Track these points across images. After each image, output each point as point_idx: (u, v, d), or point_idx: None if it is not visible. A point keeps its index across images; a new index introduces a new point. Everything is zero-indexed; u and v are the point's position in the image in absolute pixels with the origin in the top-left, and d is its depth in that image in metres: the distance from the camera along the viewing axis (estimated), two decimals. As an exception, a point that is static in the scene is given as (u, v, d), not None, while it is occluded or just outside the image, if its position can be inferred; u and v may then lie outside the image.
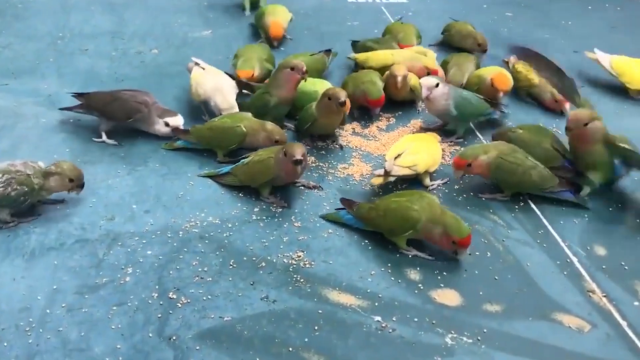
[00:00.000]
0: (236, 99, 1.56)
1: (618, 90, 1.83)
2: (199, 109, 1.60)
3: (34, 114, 1.61)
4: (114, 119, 1.48)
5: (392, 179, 1.32)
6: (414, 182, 1.38)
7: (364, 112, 1.65)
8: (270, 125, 1.44)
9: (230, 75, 1.62)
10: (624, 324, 1.06)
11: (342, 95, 1.42)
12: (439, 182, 1.40)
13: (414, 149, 1.35)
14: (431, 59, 1.77)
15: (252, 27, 2.18)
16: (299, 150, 1.23)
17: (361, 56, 1.79)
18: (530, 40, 2.01)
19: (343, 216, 1.26)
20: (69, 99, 1.68)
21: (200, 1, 2.47)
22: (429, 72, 1.68)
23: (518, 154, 1.34)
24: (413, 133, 1.57)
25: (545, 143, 1.40)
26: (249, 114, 1.48)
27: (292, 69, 1.50)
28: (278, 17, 2.04)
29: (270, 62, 1.78)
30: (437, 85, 1.50)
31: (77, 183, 1.25)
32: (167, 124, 1.46)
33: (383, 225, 1.20)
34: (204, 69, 1.62)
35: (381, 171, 1.32)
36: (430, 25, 2.17)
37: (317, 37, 2.13)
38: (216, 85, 1.55)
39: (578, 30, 2.37)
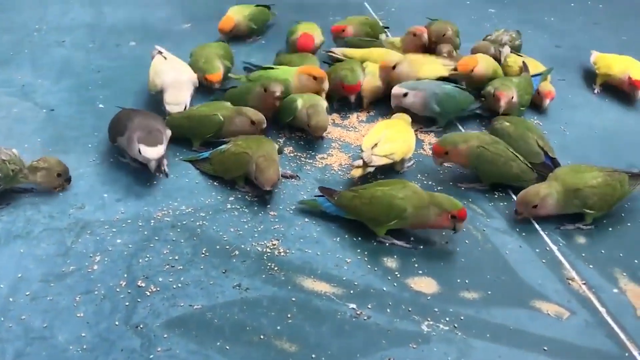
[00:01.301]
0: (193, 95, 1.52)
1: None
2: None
3: (5, 103, 1.57)
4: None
5: (371, 169, 1.30)
6: (390, 170, 1.35)
7: (344, 104, 1.62)
8: (245, 108, 1.41)
9: None
10: (602, 310, 1.04)
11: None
12: (408, 164, 1.38)
13: (390, 136, 1.32)
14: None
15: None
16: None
17: (343, 51, 1.77)
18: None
19: (322, 204, 1.23)
20: (42, 89, 1.66)
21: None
22: None
23: (499, 145, 1.32)
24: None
25: (530, 138, 1.37)
26: (227, 103, 1.45)
27: (265, 90, 1.45)
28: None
29: (229, 59, 1.69)
30: (406, 94, 1.49)
31: (64, 177, 1.23)
32: (139, 151, 1.24)
33: (367, 214, 1.17)
34: (166, 58, 1.57)
35: (360, 162, 1.30)
36: (416, 22, 2.14)
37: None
38: (174, 75, 1.50)
39: (561, 26, 2.36)
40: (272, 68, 1.62)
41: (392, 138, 1.32)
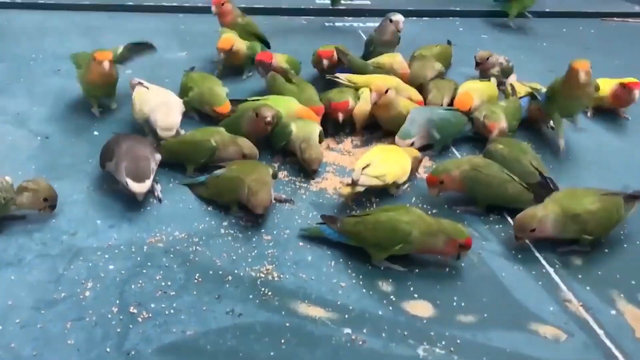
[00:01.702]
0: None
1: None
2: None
3: (1, 132, 1.57)
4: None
5: (360, 189, 1.30)
6: (384, 193, 1.35)
7: (338, 129, 1.62)
8: (241, 139, 1.41)
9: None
10: (600, 332, 1.03)
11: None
12: (403, 187, 1.38)
13: (383, 159, 1.32)
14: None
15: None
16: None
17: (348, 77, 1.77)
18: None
19: (324, 231, 1.21)
20: (37, 116, 1.66)
21: (176, 25, 2.48)
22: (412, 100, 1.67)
23: (493, 167, 1.32)
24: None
25: (524, 159, 1.38)
26: (222, 129, 1.45)
27: (257, 115, 1.45)
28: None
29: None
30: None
31: (50, 203, 1.22)
32: (126, 184, 1.23)
33: (371, 239, 1.15)
34: (147, 88, 1.56)
35: (349, 180, 1.29)
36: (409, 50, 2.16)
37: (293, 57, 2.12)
38: (162, 101, 1.49)
39: (553, 52, 2.39)
40: (259, 99, 1.61)
41: (385, 160, 1.32)
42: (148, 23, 2.48)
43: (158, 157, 1.31)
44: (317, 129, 1.48)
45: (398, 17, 1.96)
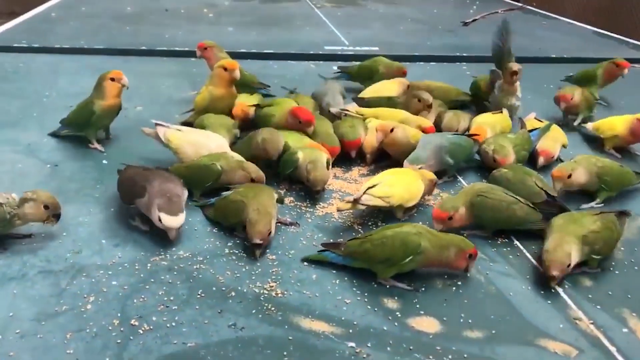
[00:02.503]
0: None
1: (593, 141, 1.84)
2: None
3: (10, 160, 1.59)
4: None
5: (362, 207, 1.30)
6: (391, 217, 1.35)
7: (346, 159, 1.63)
8: (247, 164, 1.42)
9: None
10: (612, 349, 1.00)
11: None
12: (410, 212, 1.37)
13: (391, 181, 1.32)
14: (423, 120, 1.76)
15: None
16: (258, 234, 1.18)
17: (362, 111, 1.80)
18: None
19: (328, 256, 1.20)
20: (47, 147, 1.68)
21: (188, 68, 2.53)
22: (423, 131, 1.68)
23: (497, 191, 1.32)
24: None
25: (529, 181, 1.38)
26: (229, 154, 1.46)
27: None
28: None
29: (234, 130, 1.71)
30: (392, 130, 1.51)
31: (52, 212, 1.21)
32: (159, 219, 1.21)
33: (379, 256, 1.12)
34: (180, 130, 1.56)
35: (351, 198, 1.29)
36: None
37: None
38: (220, 146, 1.50)
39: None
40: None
41: (392, 183, 1.32)
42: (159, 66, 2.54)
43: (186, 193, 1.30)
44: (325, 156, 1.49)
45: None
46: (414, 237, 1.11)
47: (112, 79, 1.64)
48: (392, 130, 1.55)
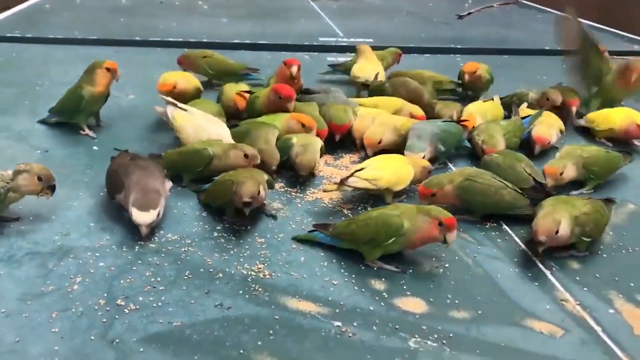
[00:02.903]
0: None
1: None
2: (165, 143, 1.56)
3: (1, 146, 1.59)
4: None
5: (348, 189, 1.30)
6: (381, 202, 1.34)
7: (337, 146, 1.63)
8: (240, 144, 1.41)
9: None
10: (598, 329, 1.00)
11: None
12: (400, 198, 1.37)
13: (380, 165, 1.32)
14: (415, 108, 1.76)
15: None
16: (247, 192, 1.18)
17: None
18: (506, 90, 2.02)
19: (317, 235, 1.21)
20: (38, 133, 1.68)
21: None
22: (414, 118, 1.68)
23: (486, 175, 1.32)
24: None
25: (518, 167, 1.38)
26: (221, 140, 1.45)
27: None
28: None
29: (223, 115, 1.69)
30: (380, 142, 1.52)
31: (46, 183, 1.21)
32: (131, 214, 1.17)
33: (364, 236, 1.13)
34: (185, 109, 1.54)
35: (338, 179, 1.30)
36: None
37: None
38: (218, 133, 1.48)
39: (551, 83, 2.40)
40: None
41: (381, 167, 1.32)
42: (153, 56, 2.54)
43: (168, 185, 1.28)
44: (319, 142, 1.49)
45: None
46: (396, 218, 1.11)
47: (108, 69, 1.64)
48: (379, 142, 1.54)
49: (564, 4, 4.54)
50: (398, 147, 1.53)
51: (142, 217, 1.16)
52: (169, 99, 1.57)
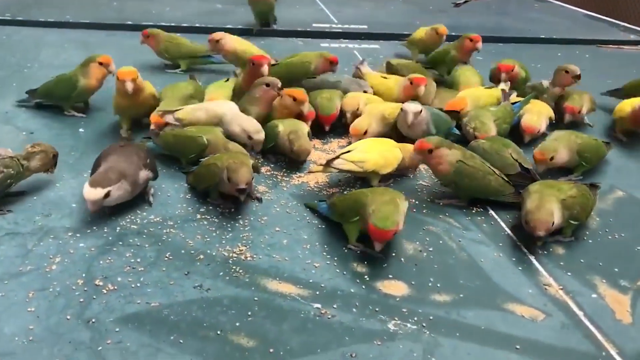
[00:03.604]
0: None
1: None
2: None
3: (-14, 127, 1.57)
4: None
5: (334, 171, 1.29)
6: (367, 185, 1.34)
7: (325, 131, 1.62)
8: (232, 144, 1.38)
9: None
10: (580, 313, 1.00)
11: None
12: (388, 182, 1.36)
13: (367, 147, 1.31)
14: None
15: (224, 65, 2.16)
16: (242, 179, 1.17)
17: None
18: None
19: (319, 205, 1.23)
20: (24, 116, 1.67)
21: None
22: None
23: (476, 159, 1.31)
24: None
25: (505, 152, 1.37)
26: (219, 129, 1.42)
27: (267, 85, 1.51)
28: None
29: (198, 97, 1.66)
30: (421, 111, 1.48)
31: (55, 159, 1.28)
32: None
33: (339, 210, 1.16)
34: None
35: (323, 161, 1.29)
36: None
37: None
38: (234, 112, 1.46)
39: (546, 72, 2.38)
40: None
41: (368, 149, 1.31)
42: (145, 40, 2.51)
43: (143, 174, 1.22)
44: (306, 127, 1.48)
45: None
46: (362, 196, 1.11)
47: (100, 64, 1.63)
48: (365, 132, 1.52)
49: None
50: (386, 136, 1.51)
51: (88, 193, 1.12)
52: (162, 111, 1.50)
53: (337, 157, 1.30)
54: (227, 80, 1.76)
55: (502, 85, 1.82)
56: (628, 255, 1.17)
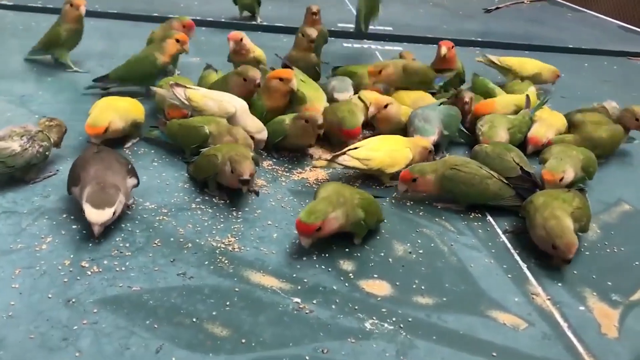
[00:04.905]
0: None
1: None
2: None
3: (1, 109, 1.61)
4: None
5: (337, 167, 1.29)
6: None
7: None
8: (236, 129, 1.38)
9: None
10: (564, 325, 0.98)
11: (320, 119, 1.40)
12: (391, 182, 1.36)
13: (375, 146, 1.32)
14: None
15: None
16: (246, 169, 1.17)
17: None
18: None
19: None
20: (40, 100, 1.70)
21: (197, 35, 2.52)
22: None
23: (471, 164, 1.29)
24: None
25: (507, 155, 1.35)
26: (224, 120, 1.42)
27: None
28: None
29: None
30: (387, 106, 1.49)
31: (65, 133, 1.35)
32: (83, 211, 1.06)
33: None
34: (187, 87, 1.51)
35: (329, 156, 1.29)
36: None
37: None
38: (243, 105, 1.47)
39: (570, 82, 2.35)
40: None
41: (376, 147, 1.31)
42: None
43: (131, 182, 1.17)
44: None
45: None
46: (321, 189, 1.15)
47: (71, 5, 1.84)
48: (386, 106, 1.52)
49: (603, 5, 4.43)
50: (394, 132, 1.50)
51: (96, 216, 1.03)
52: (174, 82, 1.51)
53: (343, 152, 1.30)
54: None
55: (531, 88, 1.79)
56: (624, 269, 1.14)
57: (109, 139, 1.38)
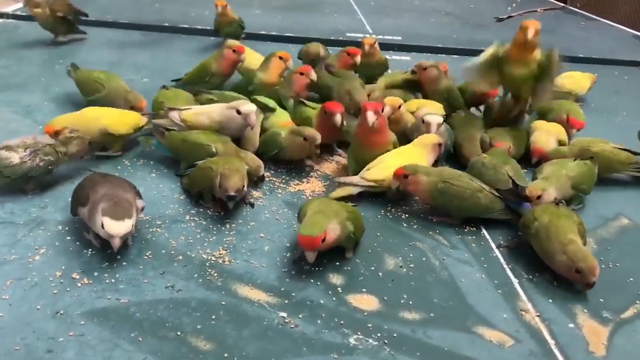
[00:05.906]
0: None
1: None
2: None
3: (6, 119, 1.64)
4: None
5: (353, 190, 1.30)
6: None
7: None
8: (244, 153, 1.37)
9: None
10: (551, 342, 0.97)
11: (318, 138, 1.40)
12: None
13: (390, 163, 1.32)
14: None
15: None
16: (233, 186, 1.18)
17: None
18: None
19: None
20: (46, 110, 1.73)
21: (208, 46, 2.55)
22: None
23: (463, 178, 1.28)
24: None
25: (501, 168, 1.33)
26: (228, 138, 1.40)
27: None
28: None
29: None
30: (400, 107, 1.49)
31: (91, 146, 1.37)
32: (102, 225, 1.03)
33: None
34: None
35: (343, 180, 1.33)
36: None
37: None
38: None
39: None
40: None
41: (390, 165, 1.31)
42: (179, 43, 2.56)
43: (140, 204, 1.13)
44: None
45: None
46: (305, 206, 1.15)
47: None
48: (399, 107, 1.52)
49: (622, 14, 4.38)
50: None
51: (117, 227, 1.01)
52: (169, 107, 1.50)
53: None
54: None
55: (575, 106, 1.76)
56: (618, 285, 1.13)
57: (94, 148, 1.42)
